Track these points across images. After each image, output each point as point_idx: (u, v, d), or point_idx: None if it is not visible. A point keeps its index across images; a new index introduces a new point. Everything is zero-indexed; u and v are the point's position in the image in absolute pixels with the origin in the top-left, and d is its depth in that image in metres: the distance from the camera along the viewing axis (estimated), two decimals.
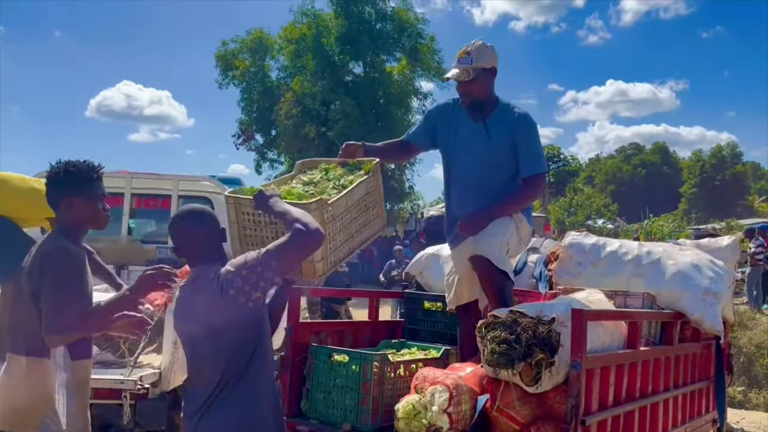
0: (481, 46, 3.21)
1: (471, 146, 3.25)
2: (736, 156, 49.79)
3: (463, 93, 3.24)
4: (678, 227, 26.18)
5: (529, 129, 3.23)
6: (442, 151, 3.40)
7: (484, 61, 3.17)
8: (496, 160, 3.22)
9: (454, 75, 3.19)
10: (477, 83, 3.18)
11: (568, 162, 49.66)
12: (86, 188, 2.45)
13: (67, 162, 2.47)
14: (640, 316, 3.16)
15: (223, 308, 2.16)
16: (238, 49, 26.18)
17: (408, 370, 3.05)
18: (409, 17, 24.58)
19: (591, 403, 2.60)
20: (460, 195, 3.33)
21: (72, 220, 2.43)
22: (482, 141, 3.22)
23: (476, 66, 3.14)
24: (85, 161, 2.48)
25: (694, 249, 4.00)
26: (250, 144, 27.52)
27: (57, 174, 2.44)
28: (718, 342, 3.87)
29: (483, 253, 3.07)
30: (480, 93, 3.21)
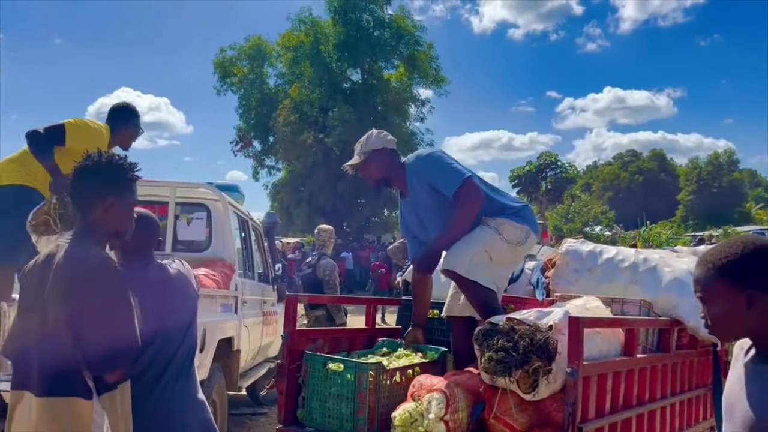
0: (371, 135, 3.50)
1: (417, 218, 3.45)
2: (733, 163, 49.93)
3: (363, 177, 3.52)
4: (675, 234, 26.22)
5: (426, 164, 3.37)
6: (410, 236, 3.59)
7: (372, 145, 3.43)
8: (436, 214, 3.35)
9: (349, 165, 3.50)
10: (368, 165, 3.42)
11: (565, 169, 49.73)
12: (128, 189, 2.10)
13: (109, 154, 2.10)
14: (637, 324, 3.16)
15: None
16: (236, 56, 26.29)
17: (404, 376, 3.03)
18: (407, 25, 24.70)
19: (588, 410, 2.60)
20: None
21: (106, 225, 2.04)
22: (417, 209, 3.43)
23: (366, 150, 3.42)
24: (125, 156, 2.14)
25: (690, 256, 4.00)
26: (247, 151, 27.59)
27: (99, 166, 2.04)
28: (715, 349, 3.87)
29: (449, 267, 3.19)
30: (375, 172, 3.44)
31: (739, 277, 1.43)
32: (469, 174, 3.27)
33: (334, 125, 22.93)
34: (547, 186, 47.73)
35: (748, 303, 1.42)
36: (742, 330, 1.47)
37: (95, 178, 2.03)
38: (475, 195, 3.24)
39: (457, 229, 3.23)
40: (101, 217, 2.03)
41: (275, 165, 27.45)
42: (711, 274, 1.47)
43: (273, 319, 6.31)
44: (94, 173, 2.03)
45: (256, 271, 6.09)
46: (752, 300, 1.42)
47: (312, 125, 23.90)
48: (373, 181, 3.48)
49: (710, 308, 1.50)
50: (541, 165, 48.65)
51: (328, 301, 6.17)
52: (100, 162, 2.04)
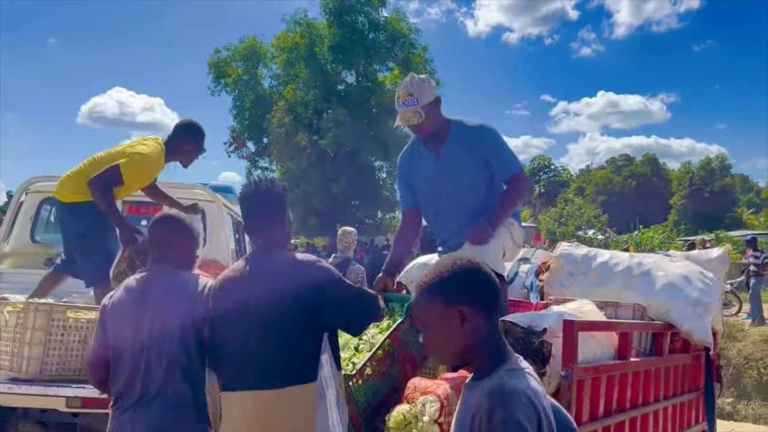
0: (420, 83, 3.24)
1: (441, 175, 3.29)
2: (725, 168, 50.22)
3: (418, 131, 3.29)
4: (667, 239, 26.34)
5: (492, 136, 3.28)
6: (418, 189, 3.43)
7: (428, 96, 3.20)
8: (469, 180, 3.27)
9: (405, 121, 3.23)
10: (428, 120, 3.20)
11: (559, 173, 49.98)
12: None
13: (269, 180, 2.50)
14: (630, 327, 3.18)
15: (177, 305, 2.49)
16: (231, 56, 26.25)
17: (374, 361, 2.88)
18: (402, 27, 24.73)
19: (582, 413, 2.61)
20: (439, 221, 3.40)
21: (287, 240, 2.47)
22: (449, 167, 3.26)
23: (423, 104, 3.17)
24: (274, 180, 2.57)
25: (684, 260, 4.03)
26: (241, 152, 27.55)
27: (281, 190, 2.45)
28: (708, 353, 3.88)
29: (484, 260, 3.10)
30: (433, 127, 3.25)
31: (450, 295, 1.49)
32: (522, 166, 3.36)
33: (328, 127, 22.92)
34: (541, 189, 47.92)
35: (460, 319, 1.47)
36: (459, 348, 1.51)
37: (279, 199, 2.41)
38: (527, 186, 3.36)
39: (510, 211, 3.27)
40: (283, 233, 2.42)
41: (269, 166, 27.43)
42: (425, 295, 1.52)
43: None
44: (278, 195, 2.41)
45: None
46: (464, 316, 1.47)
47: (306, 127, 23.88)
48: (426, 135, 3.28)
49: (428, 330, 1.53)
50: (534, 168, 48.83)
51: None
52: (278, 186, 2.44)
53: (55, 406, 3.32)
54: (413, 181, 3.42)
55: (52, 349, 3.36)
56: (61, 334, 3.40)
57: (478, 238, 3.11)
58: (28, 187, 5.20)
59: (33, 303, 3.37)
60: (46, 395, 3.29)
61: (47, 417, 3.49)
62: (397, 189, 3.58)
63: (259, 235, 2.40)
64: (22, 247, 5.09)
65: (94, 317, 3.34)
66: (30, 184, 5.18)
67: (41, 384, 3.30)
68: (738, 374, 9.91)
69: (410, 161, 3.43)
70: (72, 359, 3.40)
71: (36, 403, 3.36)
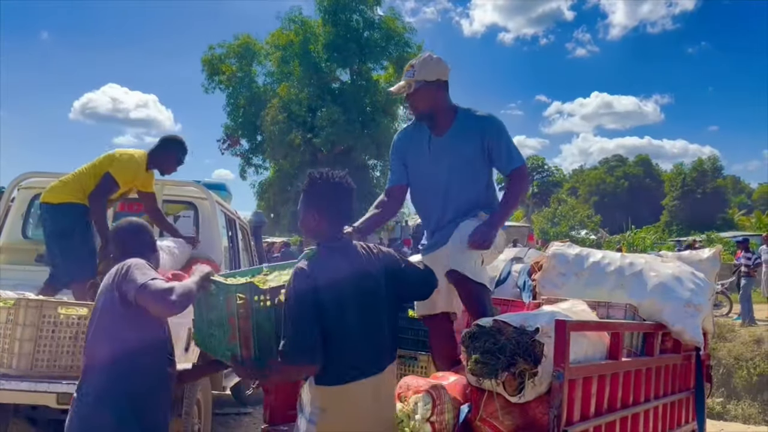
0: (427, 59, 3.23)
1: (438, 161, 3.26)
2: (717, 170, 50.51)
3: (411, 107, 3.30)
4: (659, 239, 26.46)
5: (498, 128, 3.25)
6: (410, 170, 3.40)
7: (427, 74, 3.17)
8: (466, 170, 3.24)
9: (395, 88, 3.25)
10: (419, 95, 3.19)
11: (552, 173, 50.12)
12: None
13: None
14: (622, 327, 3.19)
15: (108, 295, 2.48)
16: (225, 53, 26.17)
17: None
18: (396, 26, 24.73)
19: (573, 413, 2.61)
20: (439, 209, 3.32)
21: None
22: (448, 154, 3.23)
23: (418, 78, 3.16)
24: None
25: (675, 261, 4.04)
26: (235, 149, 27.47)
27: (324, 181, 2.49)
28: (698, 353, 3.90)
29: (459, 269, 3.05)
30: (424, 105, 3.22)
31: None
32: (524, 162, 3.34)
33: (322, 125, 22.90)
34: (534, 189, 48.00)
35: None
36: None
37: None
38: (526, 182, 3.38)
39: (513, 211, 3.34)
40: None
41: (263, 164, 27.36)
42: None
43: None
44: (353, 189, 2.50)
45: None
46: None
47: (300, 125, 23.84)
48: (417, 113, 3.29)
49: None
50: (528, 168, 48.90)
51: None
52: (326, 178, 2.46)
53: (45, 403, 3.31)
54: (407, 160, 3.38)
55: (43, 345, 3.35)
56: (52, 330, 3.39)
57: (479, 242, 3.03)
58: (19, 182, 5.17)
59: (23, 299, 3.36)
60: (36, 392, 3.28)
61: (38, 413, 3.49)
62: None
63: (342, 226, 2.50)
64: (13, 243, 5.06)
65: (86, 313, 3.33)
66: (22, 179, 5.16)
67: (32, 380, 3.29)
68: (728, 374, 9.98)
69: (410, 139, 3.39)
70: (63, 356, 3.39)
71: (26, 399, 3.35)
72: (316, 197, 2.40)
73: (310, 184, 2.42)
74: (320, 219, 2.39)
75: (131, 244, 2.66)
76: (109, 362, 2.39)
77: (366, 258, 2.42)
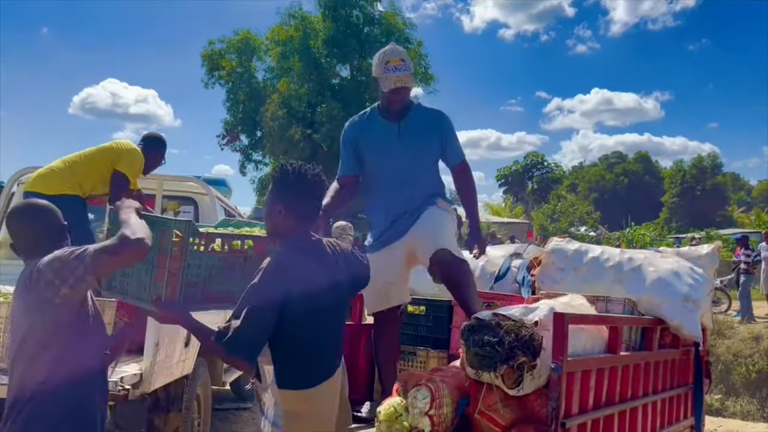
0: (406, 53, 3.42)
1: (392, 146, 3.37)
2: (716, 167, 50.50)
3: (399, 99, 3.37)
4: (659, 236, 26.47)
5: (450, 123, 3.48)
6: (366, 159, 3.45)
7: (412, 66, 3.38)
8: (427, 160, 3.43)
9: (404, 83, 3.30)
10: (408, 89, 3.38)
11: (551, 169, 50.10)
12: None
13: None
14: (620, 322, 3.20)
15: (31, 302, 2.04)
16: (225, 49, 26.09)
17: (228, 246, 2.55)
18: (397, 22, 24.65)
19: (571, 406, 2.63)
20: (392, 193, 3.39)
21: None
22: (403, 139, 3.37)
23: (412, 71, 3.35)
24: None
25: (674, 256, 4.05)
26: (234, 145, 27.41)
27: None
28: (697, 349, 3.92)
29: (446, 246, 3.21)
30: (407, 98, 3.42)
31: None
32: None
33: (322, 121, 22.85)
34: (533, 186, 48.02)
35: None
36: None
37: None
38: (471, 174, 3.56)
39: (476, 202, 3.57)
40: None
41: (262, 160, 27.31)
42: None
43: None
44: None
45: None
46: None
47: (300, 121, 23.80)
48: (401, 105, 3.38)
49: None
50: (527, 165, 48.95)
51: None
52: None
53: None
54: (361, 149, 3.44)
55: None
56: None
57: (481, 249, 3.45)
58: (19, 178, 5.17)
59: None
60: None
61: None
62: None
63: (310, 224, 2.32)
64: None
65: None
66: (21, 174, 5.16)
67: None
68: (726, 371, 10.00)
69: (362, 128, 3.47)
70: None
71: None
72: (285, 191, 2.23)
73: (281, 177, 2.24)
74: (286, 215, 2.22)
75: (41, 232, 2.18)
76: (52, 384, 2.05)
77: (332, 258, 2.32)
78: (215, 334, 2.10)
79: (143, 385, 3.53)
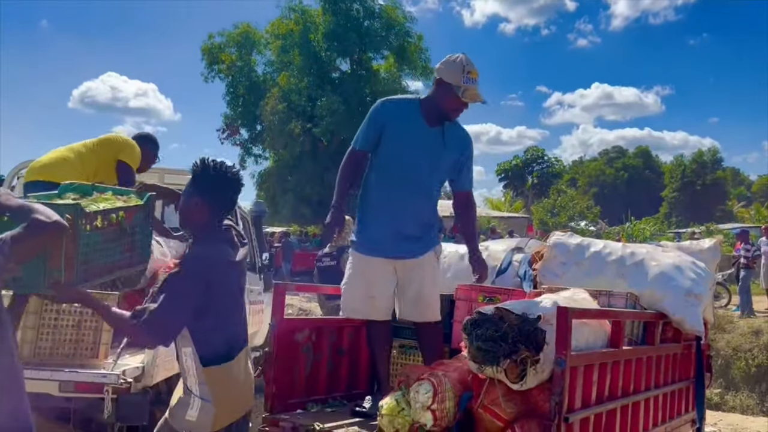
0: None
1: (424, 149, 3.29)
2: (716, 162, 50.46)
3: (461, 112, 3.34)
4: (659, 231, 26.46)
5: (472, 149, 3.47)
6: (389, 148, 3.33)
7: None
8: (441, 166, 3.37)
9: (480, 99, 3.26)
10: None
11: (551, 164, 50.00)
12: None
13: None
14: (623, 316, 3.20)
15: None
16: (225, 42, 26.00)
17: (107, 220, 2.69)
18: (397, 15, 24.55)
19: (574, 400, 2.63)
20: (402, 195, 3.30)
21: None
22: (437, 146, 3.31)
23: None
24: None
25: (676, 251, 4.05)
26: (234, 139, 27.34)
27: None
28: (699, 343, 3.91)
29: (433, 319, 3.41)
30: None
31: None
32: None
33: (322, 115, 22.79)
34: (533, 180, 47.95)
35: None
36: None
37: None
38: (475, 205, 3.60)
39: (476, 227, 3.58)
40: None
41: (262, 154, 27.26)
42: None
43: (259, 309, 6.30)
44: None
45: None
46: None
47: (300, 115, 23.73)
48: (458, 116, 3.37)
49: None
50: (527, 159, 48.87)
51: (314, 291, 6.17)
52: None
53: (48, 391, 3.32)
54: (387, 135, 3.31)
55: (45, 333, 3.35)
56: (54, 318, 3.38)
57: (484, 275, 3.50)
58: (19, 171, 5.16)
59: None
60: (38, 379, 3.28)
61: (40, 401, 3.47)
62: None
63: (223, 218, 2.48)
64: None
65: None
66: (21, 168, 5.15)
67: (34, 368, 3.29)
68: (726, 365, 10.01)
69: (399, 116, 3.32)
70: (65, 343, 3.40)
71: (29, 387, 3.30)
72: (203, 186, 2.35)
73: (202, 172, 2.36)
74: (203, 208, 2.34)
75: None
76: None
77: (238, 245, 2.44)
78: (132, 314, 2.27)
79: (145, 378, 3.54)
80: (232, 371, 2.34)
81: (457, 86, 3.19)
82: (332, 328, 3.71)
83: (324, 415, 3.30)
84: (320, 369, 3.56)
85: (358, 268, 3.40)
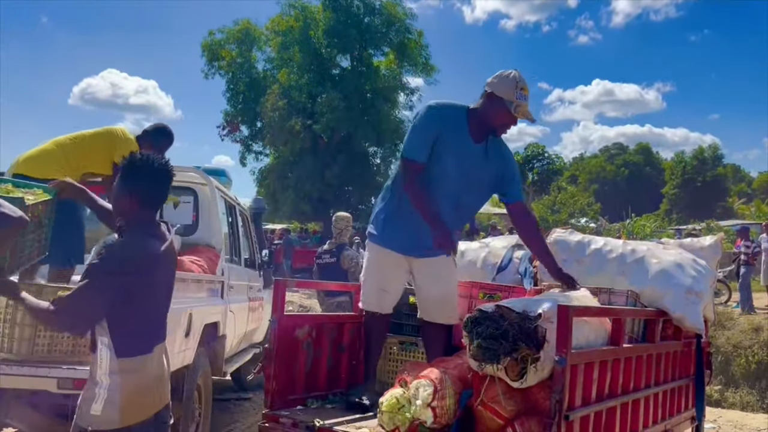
0: None
1: (469, 169, 3.25)
2: (717, 158, 50.41)
3: (508, 129, 3.36)
4: (659, 227, 26.45)
5: (513, 161, 3.49)
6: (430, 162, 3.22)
7: None
8: (483, 185, 3.35)
9: (531, 116, 3.30)
10: None
11: (552, 161, 49.93)
12: None
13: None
14: (623, 314, 3.19)
15: None
16: (225, 39, 25.96)
17: (32, 213, 2.84)
18: (397, 12, 24.50)
19: (575, 398, 2.61)
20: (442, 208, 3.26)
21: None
22: (479, 162, 3.28)
23: None
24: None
25: (677, 248, 4.04)
26: (235, 135, 27.32)
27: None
28: (699, 340, 3.91)
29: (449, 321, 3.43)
30: None
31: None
32: None
33: (322, 111, 22.76)
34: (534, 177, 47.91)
35: None
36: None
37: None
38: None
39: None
40: None
41: (263, 150, 27.23)
42: None
43: (259, 305, 6.30)
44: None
45: (242, 256, 6.05)
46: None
47: (300, 111, 23.69)
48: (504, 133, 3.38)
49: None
50: (528, 156, 48.78)
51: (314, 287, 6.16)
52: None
53: (46, 387, 3.31)
54: (438, 147, 3.20)
55: (43, 329, 3.34)
56: None
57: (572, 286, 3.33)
58: None
59: (23, 284, 3.34)
60: (36, 376, 3.28)
61: (38, 398, 3.48)
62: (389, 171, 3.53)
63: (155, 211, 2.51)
64: None
65: None
66: None
67: (32, 365, 3.28)
68: (726, 362, 10.01)
69: (451, 126, 3.23)
70: (63, 340, 3.38)
71: (27, 384, 3.34)
72: (132, 180, 2.38)
73: (129, 167, 2.39)
74: (132, 202, 2.37)
75: None
76: None
77: (168, 240, 2.45)
78: (51, 302, 2.26)
79: None
80: (146, 365, 2.32)
81: (510, 101, 3.18)
82: (332, 325, 3.70)
83: (324, 411, 3.30)
84: (320, 365, 3.56)
85: (373, 259, 3.48)
